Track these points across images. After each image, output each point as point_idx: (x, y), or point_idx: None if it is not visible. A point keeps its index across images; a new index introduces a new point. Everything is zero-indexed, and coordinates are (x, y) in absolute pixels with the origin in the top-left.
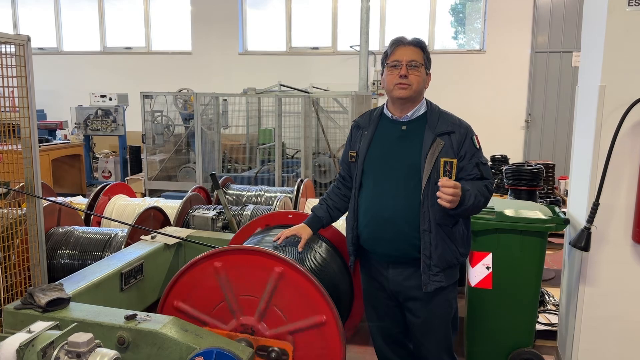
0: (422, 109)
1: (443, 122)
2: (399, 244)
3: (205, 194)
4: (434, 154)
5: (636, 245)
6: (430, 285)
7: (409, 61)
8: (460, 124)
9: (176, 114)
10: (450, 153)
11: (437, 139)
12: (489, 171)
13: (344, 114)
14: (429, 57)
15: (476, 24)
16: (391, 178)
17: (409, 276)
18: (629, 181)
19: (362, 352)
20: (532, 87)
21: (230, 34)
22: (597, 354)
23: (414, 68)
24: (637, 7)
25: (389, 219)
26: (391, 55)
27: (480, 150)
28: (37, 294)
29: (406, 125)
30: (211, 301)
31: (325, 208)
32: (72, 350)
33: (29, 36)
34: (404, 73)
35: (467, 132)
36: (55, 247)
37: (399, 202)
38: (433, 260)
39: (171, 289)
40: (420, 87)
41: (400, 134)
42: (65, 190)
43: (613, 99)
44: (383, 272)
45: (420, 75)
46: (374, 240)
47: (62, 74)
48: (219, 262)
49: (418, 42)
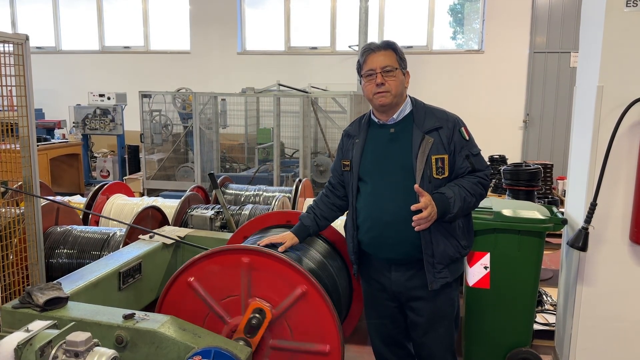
0: (408, 108)
1: (429, 118)
2: (402, 246)
3: (204, 193)
4: (425, 152)
5: (634, 245)
6: (436, 283)
7: (382, 67)
8: (447, 117)
9: (175, 113)
10: (441, 149)
11: (425, 136)
12: (481, 161)
13: (342, 114)
14: (402, 57)
15: (475, 24)
16: (387, 181)
17: (412, 276)
18: (627, 181)
19: (360, 351)
20: (530, 87)
21: (228, 33)
22: (594, 353)
23: (388, 73)
24: (635, 8)
25: (389, 223)
26: (364, 64)
27: (470, 141)
28: (35, 293)
29: (394, 127)
30: (199, 315)
31: (313, 217)
32: (70, 349)
33: (28, 35)
34: (380, 81)
35: (454, 125)
36: (53, 246)
37: (397, 205)
38: (436, 258)
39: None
40: (399, 90)
41: (390, 137)
42: (64, 190)
43: (611, 99)
44: (385, 274)
45: (397, 78)
46: (376, 245)
47: (60, 73)
48: (190, 275)
49: (387, 45)
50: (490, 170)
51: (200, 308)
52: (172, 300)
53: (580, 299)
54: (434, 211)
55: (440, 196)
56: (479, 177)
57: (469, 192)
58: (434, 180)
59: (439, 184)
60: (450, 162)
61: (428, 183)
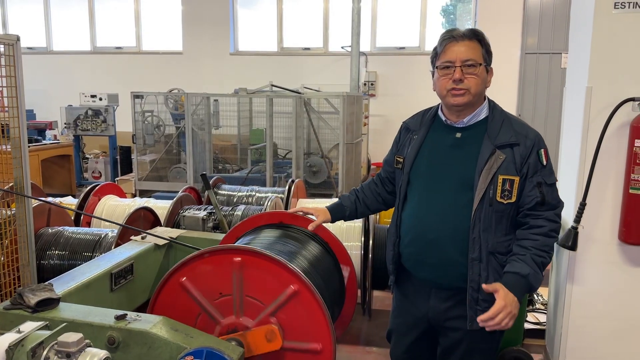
0: (483, 114)
1: (506, 130)
2: (444, 270)
3: (196, 194)
4: (491, 170)
5: (623, 245)
6: (476, 323)
7: (463, 61)
8: (527, 134)
9: (167, 114)
10: (512, 169)
11: (496, 151)
12: (554, 195)
13: (335, 115)
14: (489, 50)
15: (467, 26)
16: (439, 194)
17: (453, 306)
18: (616, 181)
19: (353, 351)
20: (521, 88)
21: (221, 34)
22: (584, 352)
23: (470, 69)
24: (623, 10)
25: (433, 241)
26: (442, 54)
27: (547, 168)
28: (26, 294)
29: (461, 132)
30: (190, 316)
31: (354, 199)
32: (62, 350)
33: (19, 36)
34: (459, 77)
35: (533, 144)
36: (44, 247)
37: (446, 223)
38: (482, 295)
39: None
40: (479, 89)
41: (454, 142)
42: (55, 191)
43: (600, 100)
44: (424, 296)
45: (479, 76)
46: (415, 262)
47: (51, 73)
48: (182, 275)
49: (474, 34)
50: (563, 205)
51: (193, 308)
52: (165, 300)
53: (570, 298)
54: (513, 306)
55: (515, 278)
56: (550, 222)
57: (545, 251)
58: (496, 204)
59: (502, 209)
60: (520, 187)
61: (489, 206)
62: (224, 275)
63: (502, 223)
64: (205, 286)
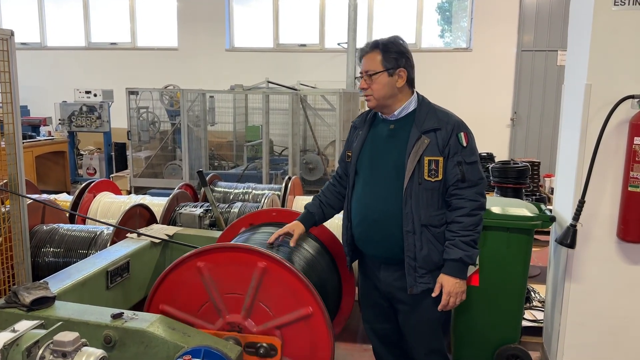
0: (412, 106)
1: (431, 119)
2: (387, 245)
3: (192, 191)
4: (418, 152)
5: (621, 242)
6: (416, 288)
7: (365, 72)
8: (448, 120)
9: (162, 110)
10: (436, 151)
11: (422, 136)
12: (474, 172)
13: (331, 112)
14: (392, 56)
15: (463, 23)
16: (379, 178)
17: (398, 277)
18: (614, 179)
19: (350, 349)
20: (517, 85)
21: (217, 30)
22: (582, 349)
23: (370, 77)
24: (623, 7)
25: (376, 221)
26: None
27: (467, 148)
28: (21, 292)
29: (394, 124)
30: (196, 302)
31: (318, 204)
32: (58, 350)
33: (13, 31)
34: (363, 86)
35: (453, 128)
36: (39, 245)
37: (386, 203)
38: (418, 262)
39: (155, 293)
40: (383, 93)
41: (389, 133)
42: (50, 188)
43: (599, 97)
44: (376, 272)
45: (380, 82)
46: (364, 241)
47: (46, 69)
48: (201, 261)
49: (374, 46)
50: (486, 182)
51: (200, 296)
52: (177, 279)
53: (568, 295)
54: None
55: (451, 264)
56: (471, 201)
57: (470, 230)
58: (424, 182)
59: (431, 186)
60: (445, 166)
61: (418, 185)
62: (243, 274)
63: (434, 199)
64: (221, 278)
